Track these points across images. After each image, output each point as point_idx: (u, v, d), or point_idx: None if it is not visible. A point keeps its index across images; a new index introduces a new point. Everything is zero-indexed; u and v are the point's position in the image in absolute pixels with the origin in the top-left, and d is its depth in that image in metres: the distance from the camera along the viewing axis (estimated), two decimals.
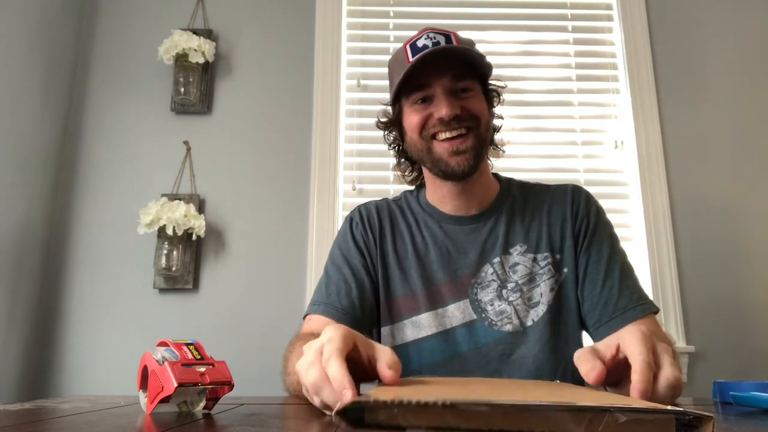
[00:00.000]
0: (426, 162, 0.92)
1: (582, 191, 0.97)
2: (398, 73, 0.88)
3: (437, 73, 0.86)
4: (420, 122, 0.88)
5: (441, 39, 0.87)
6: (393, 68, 0.93)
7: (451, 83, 0.87)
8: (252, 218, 1.68)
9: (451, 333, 0.89)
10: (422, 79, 0.87)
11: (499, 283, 0.90)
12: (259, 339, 1.57)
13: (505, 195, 0.97)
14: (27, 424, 0.48)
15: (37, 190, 1.60)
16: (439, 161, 0.88)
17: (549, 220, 0.93)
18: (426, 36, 0.87)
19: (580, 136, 1.78)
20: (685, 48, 1.82)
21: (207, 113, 1.75)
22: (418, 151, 0.92)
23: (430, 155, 0.89)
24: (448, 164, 0.87)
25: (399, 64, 0.89)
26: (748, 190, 1.71)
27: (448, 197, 0.95)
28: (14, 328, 1.49)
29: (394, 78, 0.91)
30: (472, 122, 0.87)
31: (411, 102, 0.90)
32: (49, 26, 1.66)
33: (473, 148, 0.87)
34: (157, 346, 0.56)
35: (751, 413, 0.55)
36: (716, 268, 1.65)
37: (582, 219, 0.93)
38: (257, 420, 0.51)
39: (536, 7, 1.87)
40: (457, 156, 0.87)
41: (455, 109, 0.85)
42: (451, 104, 0.85)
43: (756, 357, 1.60)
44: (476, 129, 0.88)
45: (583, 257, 0.91)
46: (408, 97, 0.90)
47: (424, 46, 0.86)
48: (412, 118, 0.90)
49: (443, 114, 0.85)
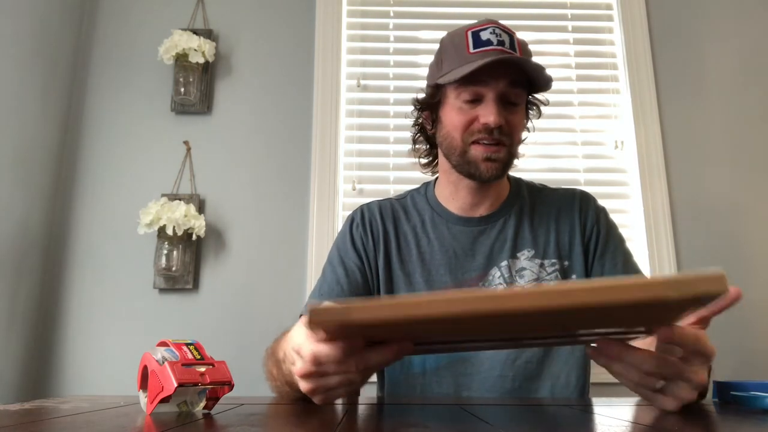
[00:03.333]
0: (454, 159, 0.90)
1: (589, 198, 0.97)
2: (453, 58, 0.86)
3: (495, 75, 0.84)
4: (466, 124, 0.86)
5: (506, 39, 0.85)
6: (447, 51, 0.89)
7: (505, 90, 0.85)
8: (252, 218, 1.68)
9: None
10: (480, 77, 0.83)
11: (506, 287, 0.89)
12: (259, 339, 1.57)
13: (514, 197, 0.96)
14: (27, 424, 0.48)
15: (37, 190, 1.60)
16: (471, 163, 0.87)
17: (557, 226, 0.93)
18: (492, 30, 0.85)
19: (580, 136, 1.78)
20: (685, 48, 1.82)
21: (207, 113, 1.75)
22: (451, 148, 0.89)
23: (463, 157, 0.88)
24: (478, 168, 0.86)
25: (456, 50, 0.86)
26: (748, 190, 1.71)
27: (461, 192, 0.93)
28: (14, 328, 1.49)
29: (445, 61, 0.88)
30: (508, 139, 0.86)
31: (460, 96, 0.86)
32: (49, 26, 1.66)
33: (504, 159, 0.87)
34: (157, 346, 0.56)
35: (751, 413, 0.55)
36: (716, 268, 1.65)
37: (592, 227, 0.93)
38: (257, 420, 0.51)
39: (536, 7, 1.87)
40: (488, 162, 0.86)
41: (502, 120, 0.84)
42: (500, 114, 0.84)
43: (756, 357, 1.60)
44: (510, 146, 0.87)
45: (597, 266, 0.91)
46: (457, 89, 0.86)
47: (488, 41, 0.84)
48: (458, 117, 0.87)
49: (490, 121, 0.83)
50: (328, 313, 0.41)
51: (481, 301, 0.39)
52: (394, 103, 1.78)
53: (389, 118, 1.77)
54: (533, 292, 0.39)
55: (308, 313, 0.42)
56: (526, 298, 0.38)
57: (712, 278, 0.40)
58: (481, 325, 0.44)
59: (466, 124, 0.86)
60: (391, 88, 1.80)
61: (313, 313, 0.42)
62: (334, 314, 0.41)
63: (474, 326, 0.45)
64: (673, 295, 0.38)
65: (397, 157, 1.73)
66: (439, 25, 1.83)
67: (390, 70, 1.82)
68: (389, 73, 1.82)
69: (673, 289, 0.38)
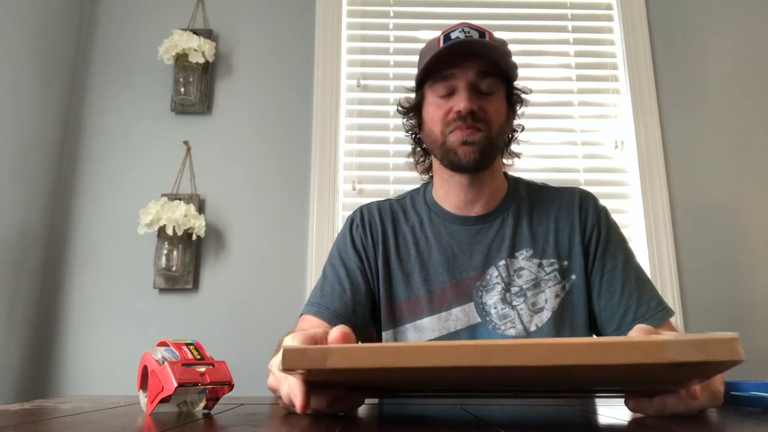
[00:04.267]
0: (438, 153, 0.92)
1: (590, 197, 0.96)
2: (426, 59, 0.88)
3: (464, 66, 0.86)
4: (443, 116, 0.88)
5: (475, 34, 0.87)
6: (423, 56, 0.93)
7: (475, 78, 0.87)
8: (252, 218, 1.68)
9: (454, 336, 0.88)
10: (448, 69, 0.87)
11: (504, 286, 0.89)
12: (259, 339, 1.57)
13: (512, 195, 0.96)
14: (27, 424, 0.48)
15: (37, 190, 1.60)
16: (450, 151, 0.88)
17: (556, 225, 0.92)
18: (461, 30, 0.87)
19: (580, 136, 1.78)
20: (685, 48, 1.82)
21: (207, 113, 1.75)
22: (433, 142, 0.92)
23: (444, 147, 0.89)
24: (456, 153, 0.87)
25: (429, 52, 0.89)
26: (748, 190, 1.71)
27: (455, 190, 0.93)
28: (14, 328, 1.49)
29: (421, 65, 0.92)
30: (484, 125, 0.87)
31: (434, 92, 0.90)
32: (49, 26, 1.66)
33: (480, 143, 0.87)
34: (157, 346, 0.56)
35: (751, 413, 0.55)
36: (716, 268, 1.65)
37: (593, 227, 0.92)
38: (257, 420, 0.51)
39: (536, 7, 1.87)
40: (465, 146, 0.86)
41: (473, 105, 0.85)
42: (470, 99, 0.85)
43: (756, 357, 1.59)
44: (488, 132, 0.88)
45: (597, 266, 0.90)
46: (432, 87, 0.90)
47: (457, 38, 0.86)
48: (435, 112, 0.89)
49: (461, 107, 0.85)
50: (304, 359, 0.39)
51: (465, 353, 0.36)
52: (394, 103, 1.77)
53: (389, 118, 1.77)
54: (523, 346, 0.36)
55: (282, 355, 0.40)
56: (513, 353, 0.36)
57: (723, 342, 0.35)
58: (468, 377, 0.42)
59: (443, 116, 0.88)
60: (391, 88, 1.80)
61: (287, 356, 0.39)
62: (309, 360, 0.39)
63: (460, 377, 0.42)
64: (675, 359, 0.35)
65: (397, 157, 1.73)
66: (439, 25, 1.83)
67: (390, 70, 1.82)
68: (389, 73, 1.82)
69: (676, 353, 0.35)
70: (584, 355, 0.35)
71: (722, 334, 0.35)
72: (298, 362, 0.39)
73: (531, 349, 0.35)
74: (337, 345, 0.40)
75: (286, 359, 0.39)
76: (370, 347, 0.38)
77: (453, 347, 0.36)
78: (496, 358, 0.36)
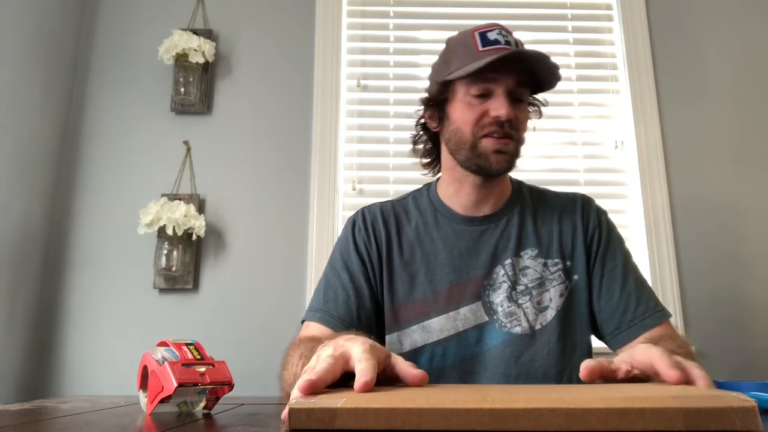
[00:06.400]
0: (463, 154, 0.89)
1: (592, 202, 0.99)
2: (463, 56, 0.87)
3: (505, 72, 0.85)
4: (477, 118, 0.87)
5: (512, 40, 0.87)
6: (455, 50, 0.90)
7: (513, 87, 0.87)
8: (252, 218, 1.68)
9: (462, 335, 0.88)
10: (491, 73, 0.85)
11: (510, 285, 0.90)
12: (259, 339, 1.57)
13: (516, 197, 0.97)
14: (27, 424, 0.48)
15: (37, 190, 1.60)
16: (481, 156, 0.87)
17: (560, 227, 0.94)
18: (498, 31, 0.87)
19: (580, 136, 1.78)
20: (685, 48, 1.82)
21: (207, 113, 1.75)
22: (461, 142, 0.89)
23: (473, 150, 0.88)
24: (488, 160, 0.87)
25: (465, 48, 0.88)
26: (748, 190, 1.71)
27: (466, 190, 0.93)
28: (14, 328, 1.49)
29: (453, 59, 0.89)
30: (516, 133, 0.88)
31: (469, 92, 0.87)
32: (49, 26, 1.66)
33: (512, 152, 0.88)
34: (157, 346, 0.56)
35: None
36: (716, 268, 1.65)
37: (594, 229, 0.94)
38: (257, 420, 0.51)
39: (536, 7, 1.87)
40: (498, 155, 0.87)
41: (512, 113, 0.86)
42: (510, 107, 0.85)
43: (756, 357, 1.60)
44: (518, 140, 0.89)
45: (598, 267, 0.92)
46: (467, 86, 0.87)
47: (496, 40, 0.86)
48: (468, 111, 0.88)
49: (502, 114, 0.84)
50: (311, 420, 0.38)
51: (478, 419, 0.36)
52: (394, 103, 1.78)
53: (389, 118, 1.77)
54: (539, 411, 0.35)
55: (289, 414, 0.39)
56: (528, 418, 0.35)
57: (743, 411, 0.34)
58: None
59: (477, 119, 0.87)
60: (391, 88, 1.80)
61: (294, 416, 0.38)
62: (316, 422, 0.38)
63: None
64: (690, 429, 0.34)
65: (397, 157, 1.73)
66: (439, 25, 1.83)
67: (390, 70, 1.82)
68: (389, 73, 1.82)
69: (692, 422, 0.34)
70: (600, 421, 0.35)
71: (740, 401, 0.35)
72: (305, 422, 0.38)
73: (546, 415, 0.35)
74: (346, 407, 0.38)
75: (292, 419, 0.38)
76: (380, 410, 0.37)
77: (465, 411, 0.36)
78: (509, 423, 0.35)
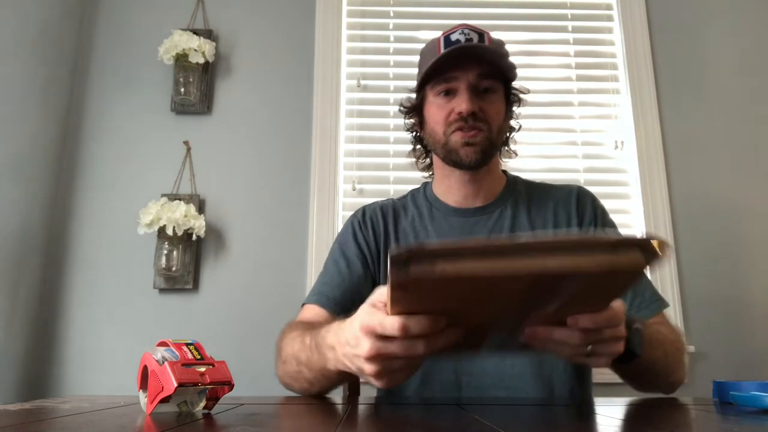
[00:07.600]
0: (440, 152, 0.95)
1: (587, 193, 0.99)
2: (428, 61, 0.91)
3: (464, 68, 0.89)
4: (445, 116, 0.91)
5: (474, 36, 0.90)
6: (424, 57, 0.96)
7: (475, 80, 0.90)
8: (252, 218, 1.68)
9: None
10: (449, 71, 0.90)
11: None
12: (259, 339, 1.57)
13: (510, 189, 0.99)
14: (27, 424, 0.48)
15: (37, 190, 1.60)
16: (452, 151, 0.92)
17: (555, 218, 0.95)
18: (461, 31, 0.90)
19: (580, 136, 1.78)
20: (685, 48, 1.82)
21: (207, 113, 1.75)
22: (435, 141, 0.95)
23: (446, 147, 0.92)
24: (458, 154, 0.91)
25: (430, 54, 0.93)
26: (748, 189, 1.71)
27: (455, 186, 0.97)
28: (14, 328, 1.49)
29: (422, 66, 0.95)
30: (484, 125, 0.91)
31: (435, 93, 0.93)
32: (49, 26, 1.66)
33: (482, 143, 0.91)
34: (157, 346, 0.56)
35: (751, 413, 0.55)
36: (716, 268, 1.65)
37: (590, 220, 0.95)
38: (257, 420, 0.51)
39: (536, 7, 1.87)
40: (467, 147, 0.90)
41: (474, 107, 0.89)
42: (471, 101, 0.89)
43: (756, 357, 1.60)
44: (488, 132, 0.91)
45: None
46: (433, 87, 0.93)
47: (457, 40, 0.89)
48: (437, 112, 0.93)
49: (463, 109, 0.88)
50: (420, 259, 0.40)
51: None
52: (394, 103, 1.78)
53: (389, 118, 1.77)
54: None
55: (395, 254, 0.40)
56: None
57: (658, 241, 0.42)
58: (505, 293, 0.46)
59: (446, 117, 0.92)
60: (391, 88, 1.80)
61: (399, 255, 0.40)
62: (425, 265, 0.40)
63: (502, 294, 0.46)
64: None
65: (397, 157, 1.73)
66: (439, 25, 1.83)
67: (390, 70, 1.82)
68: (389, 73, 1.82)
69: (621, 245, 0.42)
70: None
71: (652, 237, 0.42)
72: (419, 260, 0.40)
73: None
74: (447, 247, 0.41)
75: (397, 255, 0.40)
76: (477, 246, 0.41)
77: None
78: None
